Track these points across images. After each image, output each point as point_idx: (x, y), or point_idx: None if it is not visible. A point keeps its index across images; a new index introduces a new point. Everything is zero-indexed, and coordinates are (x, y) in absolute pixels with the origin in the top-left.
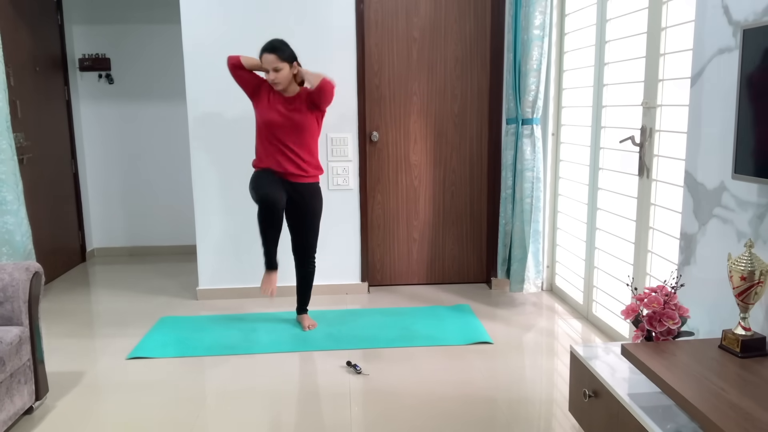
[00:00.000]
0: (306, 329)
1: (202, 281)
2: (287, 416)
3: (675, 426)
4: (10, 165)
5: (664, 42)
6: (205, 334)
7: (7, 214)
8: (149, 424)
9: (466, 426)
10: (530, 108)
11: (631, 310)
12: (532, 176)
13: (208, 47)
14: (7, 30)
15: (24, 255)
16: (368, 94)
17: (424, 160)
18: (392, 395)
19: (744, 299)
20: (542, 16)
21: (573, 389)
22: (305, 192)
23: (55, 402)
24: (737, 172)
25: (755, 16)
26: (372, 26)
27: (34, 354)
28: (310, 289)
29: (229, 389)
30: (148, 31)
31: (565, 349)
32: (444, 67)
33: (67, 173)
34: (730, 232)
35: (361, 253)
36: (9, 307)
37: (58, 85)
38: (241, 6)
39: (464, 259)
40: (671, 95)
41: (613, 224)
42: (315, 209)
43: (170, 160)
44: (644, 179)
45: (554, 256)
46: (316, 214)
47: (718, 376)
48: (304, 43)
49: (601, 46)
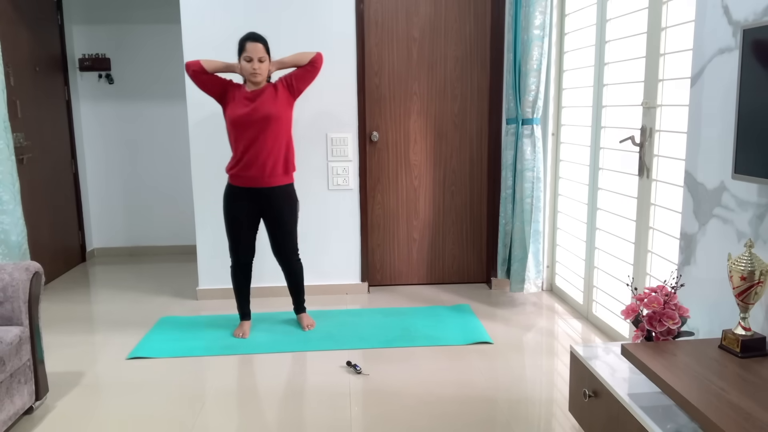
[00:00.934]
0: (305, 329)
1: (202, 281)
2: (287, 416)
3: (675, 426)
4: (7, 165)
5: (664, 42)
6: (205, 334)
7: (3, 213)
8: (149, 424)
9: (466, 426)
10: (530, 108)
11: (631, 310)
12: (533, 176)
13: (208, 47)
14: (7, 30)
15: (19, 255)
16: (368, 94)
17: (424, 160)
18: (392, 395)
19: (744, 299)
20: (542, 16)
21: (573, 389)
22: (279, 196)
23: (55, 402)
24: (737, 172)
25: (755, 16)
26: (372, 26)
27: (34, 354)
28: (302, 286)
29: (229, 389)
30: (148, 31)
31: (565, 349)
32: (444, 67)
33: (67, 173)
34: (730, 232)
35: (361, 253)
36: (9, 307)
37: (58, 85)
38: (241, 6)
39: (464, 259)
40: (671, 95)
41: (613, 224)
42: (291, 212)
43: (170, 161)
44: (644, 179)
45: (554, 256)
46: (292, 217)
47: (718, 376)
48: (304, 43)
49: (601, 46)
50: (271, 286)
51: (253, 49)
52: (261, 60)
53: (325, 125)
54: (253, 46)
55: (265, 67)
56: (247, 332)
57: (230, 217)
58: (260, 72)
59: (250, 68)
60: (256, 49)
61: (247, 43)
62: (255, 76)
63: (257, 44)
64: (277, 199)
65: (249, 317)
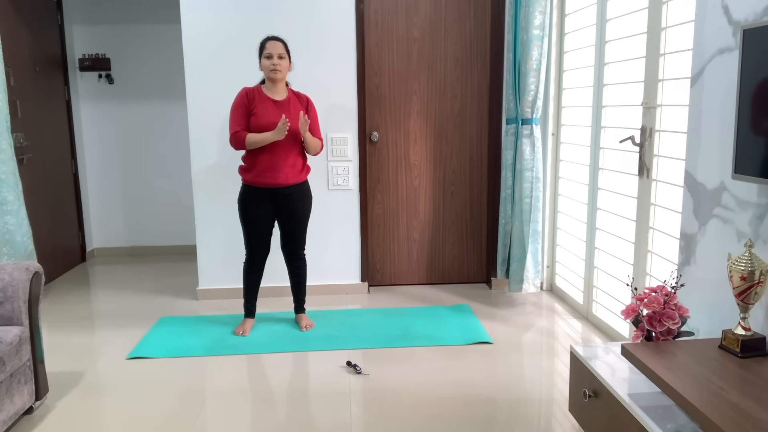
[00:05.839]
0: (303, 329)
1: (202, 281)
2: (287, 416)
3: (675, 426)
4: (9, 165)
5: (664, 42)
6: (205, 334)
7: (8, 214)
8: (149, 424)
9: (466, 426)
10: (530, 108)
11: (631, 310)
12: (531, 176)
13: (208, 47)
14: (7, 30)
15: (25, 255)
16: (368, 94)
17: (424, 160)
18: (392, 395)
19: (744, 299)
20: (542, 16)
21: (573, 389)
22: (296, 194)
23: (55, 402)
24: (737, 172)
25: (755, 16)
26: (372, 26)
27: (34, 354)
28: (304, 286)
29: (229, 389)
30: (148, 31)
31: (565, 349)
32: (444, 67)
33: (67, 173)
34: (730, 232)
35: (361, 253)
36: (9, 307)
37: (58, 85)
38: (241, 6)
39: (464, 259)
40: (671, 95)
41: (613, 224)
42: (306, 208)
43: (170, 160)
44: (644, 179)
45: (554, 256)
46: (306, 213)
47: (718, 376)
48: (304, 43)
49: (601, 46)
50: (272, 286)
51: (273, 47)
52: (281, 57)
53: (325, 125)
54: (273, 44)
55: (284, 64)
56: (248, 330)
57: (248, 218)
58: (280, 69)
59: (270, 64)
60: (275, 47)
61: (267, 42)
62: (275, 72)
63: (277, 42)
64: (295, 197)
65: (253, 316)
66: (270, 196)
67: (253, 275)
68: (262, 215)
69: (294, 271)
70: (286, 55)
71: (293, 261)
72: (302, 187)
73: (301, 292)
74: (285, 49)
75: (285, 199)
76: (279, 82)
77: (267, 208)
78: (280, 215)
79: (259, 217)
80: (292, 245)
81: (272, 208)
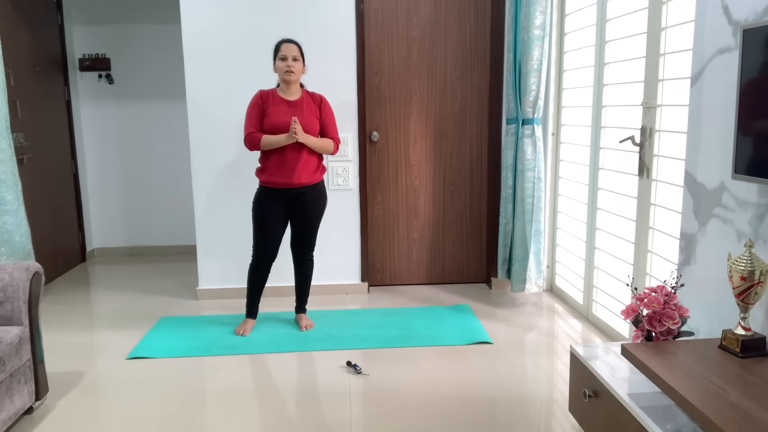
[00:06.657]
0: (303, 329)
1: (202, 281)
2: (287, 416)
3: (675, 426)
4: (9, 165)
5: (664, 42)
6: (205, 334)
7: (7, 214)
8: (149, 424)
9: (466, 426)
10: (531, 108)
11: (631, 310)
12: (534, 176)
13: (208, 47)
14: (7, 30)
15: (23, 255)
16: (368, 94)
17: (424, 160)
18: (392, 395)
19: (744, 299)
20: (542, 16)
21: (573, 389)
22: (311, 194)
23: (55, 402)
24: (737, 172)
25: (755, 16)
26: (372, 26)
27: (34, 354)
28: (308, 286)
29: (229, 389)
30: (148, 31)
31: (565, 349)
32: (444, 67)
33: (67, 173)
34: (730, 232)
35: (361, 253)
36: (9, 307)
37: (58, 85)
38: (241, 6)
39: (464, 259)
40: (671, 95)
41: (613, 224)
42: (320, 209)
43: (170, 160)
44: (644, 179)
45: (554, 256)
46: (319, 215)
47: (718, 376)
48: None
49: (601, 46)
50: (272, 286)
51: (287, 49)
52: (295, 59)
53: None
54: (288, 46)
55: (298, 66)
56: (249, 330)
57: (261, 218)
58: (294, 70)
59: (284, 66)
60: (290, 49)
61: (282, 44)
62: (289, 74)
63: (291, 44)
64: (308, 197)
65: (255, 316)
66: (284, 196)
67: (257, 278)
68: (275, 215)
69: (301, 272)
70: (300, 57)
71: (301, 261)
72: (317, 188)
73: (304, 293)
74: (299, 52)
75: (298, 199)
76: (293, 84)
77: (280, 208)
78: (292, 215)
79: (271, 218)
80: (302, 246)
81: (285, 207)
